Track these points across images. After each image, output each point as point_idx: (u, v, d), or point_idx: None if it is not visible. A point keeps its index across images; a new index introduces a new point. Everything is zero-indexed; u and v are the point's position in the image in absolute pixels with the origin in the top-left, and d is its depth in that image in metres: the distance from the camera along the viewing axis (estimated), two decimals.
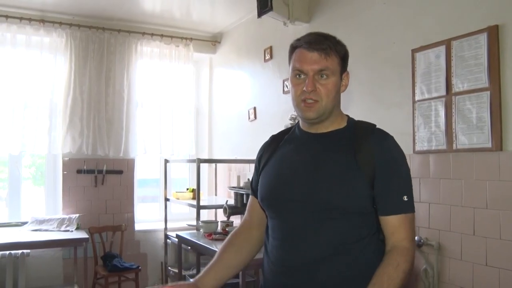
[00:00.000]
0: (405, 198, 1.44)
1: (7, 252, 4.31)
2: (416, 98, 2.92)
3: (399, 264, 1.38)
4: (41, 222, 4.64)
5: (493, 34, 2.48)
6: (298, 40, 1.54)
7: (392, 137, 1.52)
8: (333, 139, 1.54)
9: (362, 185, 1.43)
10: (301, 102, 1.50)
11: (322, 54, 1.48)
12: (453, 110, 2.68)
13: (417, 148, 2.90)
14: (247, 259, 1.71)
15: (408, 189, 1.47)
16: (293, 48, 1.55)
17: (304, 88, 1.48)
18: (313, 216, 1.46)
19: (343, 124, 1.57)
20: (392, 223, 1.44)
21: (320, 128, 1.56)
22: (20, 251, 4.38)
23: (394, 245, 1.43)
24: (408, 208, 1.45)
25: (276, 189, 1.56)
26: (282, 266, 1.51)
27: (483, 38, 2.53)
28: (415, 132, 2.91)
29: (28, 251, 4.46)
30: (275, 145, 1.67)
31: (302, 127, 1.62)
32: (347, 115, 1.61)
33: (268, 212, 1.62)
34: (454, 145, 2.68)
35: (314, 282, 1.45)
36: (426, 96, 2.85)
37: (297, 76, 1.51)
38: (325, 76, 1.48)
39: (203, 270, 1.62)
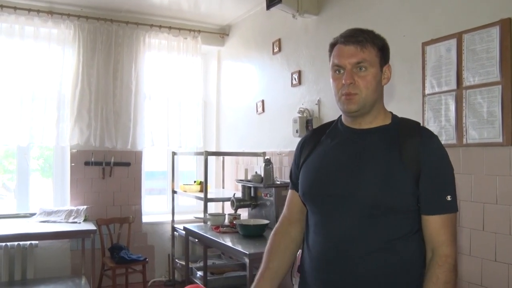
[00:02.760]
0: (449, 197, 1.45)
1: (16, 243, 4.35)
2: (426, 91, 2.89)
3: (439, 278, 1.40)
4: (49, 213, 4.67)
5: (506, 27, 2.44)
6: (336, 37, 1.54)
7: (437, 137, 1.51)
8: (378, 136, 1.52)
9: (407, 183, 1.43)
10: (342, 96, 1.50)
11: (358, 47, 1.48)
12: (464, 104, 2.65)
13: None
14: (293, 258, 1.73)
15: (452, 188, 1.48)
16: (332, 46, 1.56)
17: (343, 81, 1.48)
18: (357, 213, 1.45)
19: (387, 121, 1.56)
20: (434, 223, 1.45)
21: (363, 123, 1.54)
22: (28, 242, 4.42)
23: (434, 252, 1.44)
24: (451, 208, 1.46)
25: (319, 184, 1.55)
26: (324, 261, 1.52)
27: (495, 31, 2.49)
28: (425, 126, 2.88)
29: (36, 242, 4.50)
30: (317, 139, 1.65)
31: (345, 122, 1.61)
32: (390, 112, 1.60)
33: (309, 207, 1.62)
34: (464, 140, 2.65)
35: (355, 277, 1.45)
36: (436, 89, 2.82)
37: (337, 72, 1.52)
38: (363, 69, 1.47)
39: (255, 282, 1.64)
